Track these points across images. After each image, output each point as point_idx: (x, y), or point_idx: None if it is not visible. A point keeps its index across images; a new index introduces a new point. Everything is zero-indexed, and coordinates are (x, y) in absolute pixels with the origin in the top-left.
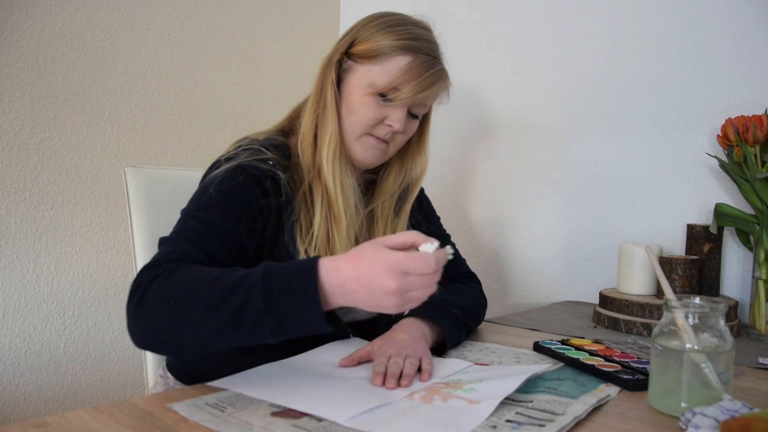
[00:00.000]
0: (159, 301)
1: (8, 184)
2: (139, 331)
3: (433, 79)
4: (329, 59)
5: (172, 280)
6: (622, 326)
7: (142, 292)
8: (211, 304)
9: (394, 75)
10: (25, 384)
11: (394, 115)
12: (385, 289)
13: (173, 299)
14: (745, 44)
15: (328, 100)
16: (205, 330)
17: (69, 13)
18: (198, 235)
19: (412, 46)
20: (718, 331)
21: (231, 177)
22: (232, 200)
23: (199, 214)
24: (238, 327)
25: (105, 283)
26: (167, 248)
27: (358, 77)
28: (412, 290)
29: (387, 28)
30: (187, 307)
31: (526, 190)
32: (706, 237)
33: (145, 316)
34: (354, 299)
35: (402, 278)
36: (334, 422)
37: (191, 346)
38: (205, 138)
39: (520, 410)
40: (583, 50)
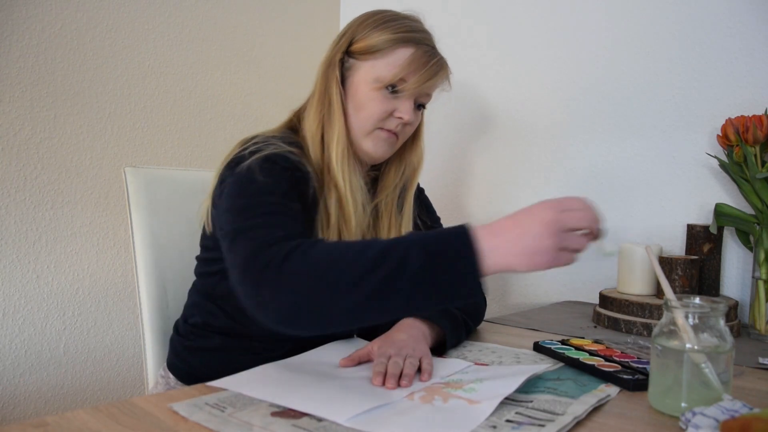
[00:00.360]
0: (305, 271)
1: (8, 184)
2: (281, 305)
3: (436, 68)
4: (331, 59)
5: (314, 251)
6: (622, 326)
7: (277, 266)
8: (363, 269)
9: (400, 66)
10: (25, 384)
11: (403, 107)
12: (543, 223)
13: (322, 268)
14: (745, 44)
15: (334, 100)
16: (357, 297)
17: (69, 13)
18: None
19: (412, 38)
20: (718, 331)
21: (269, 165)
22: (283, 184)
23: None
24: (395, 291)
25: (105, 283)
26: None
27: (363, 74)
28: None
29: (383, 23)
30: (339, 273)
31: (526, 190)
32: (706, 237)
33: (289, 288)
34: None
35: (558, 211)
36: (334, 422)
37: (341, 315)
38: (205, 138)
39: (520, 410)
40: (583, 50)
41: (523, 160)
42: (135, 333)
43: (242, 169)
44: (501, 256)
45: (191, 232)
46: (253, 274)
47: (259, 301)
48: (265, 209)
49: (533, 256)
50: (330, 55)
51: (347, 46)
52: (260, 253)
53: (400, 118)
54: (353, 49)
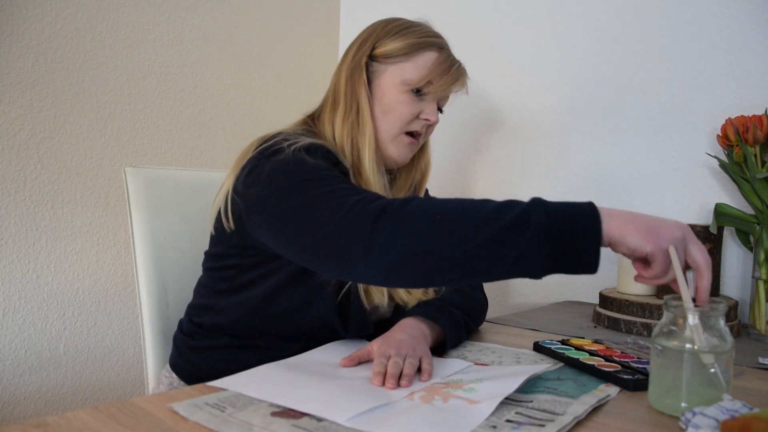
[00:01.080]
0: (420, 219)
1: (8, 184)
2: (392, 249)
3: (459, 72)
4: (356, 64)
5: (427, 204)
6: (622, 326)
7: (394, 212)
8: (488, 215)
9: (428, 69)
10: (25, 384)
11: (429, 108)
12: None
13: (438, 215)
14: (745, 44)
15: (362, 104)
16: (474, 244)
17: (69, 13)
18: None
19: (435, 43)
20: (718, 331)
21: (314, 152)
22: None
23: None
24: (514, 241)
25: (105, 283)
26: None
27: (389, 77)
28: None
29: (405, 29)
30: (456, 221)
31: (526, 191)
32: (706, 237)
33: (402, 233)
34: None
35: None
36: (334, 422)
37: (455, 263)
38: (205, 138)
39: (520, 410)
40: (583, 50)
41: (523, 160)
42: (135, 333)
43: (287, 155)
44: (619, 223)
45: (191, 232)
46: (364, 221)
47: (369, 248)
48: (335, 180)
49: (650, 234)
50: (354, 59)
51: (371, 50)
52: (367, 204)
53: (426, 120)
54: (377, 53)
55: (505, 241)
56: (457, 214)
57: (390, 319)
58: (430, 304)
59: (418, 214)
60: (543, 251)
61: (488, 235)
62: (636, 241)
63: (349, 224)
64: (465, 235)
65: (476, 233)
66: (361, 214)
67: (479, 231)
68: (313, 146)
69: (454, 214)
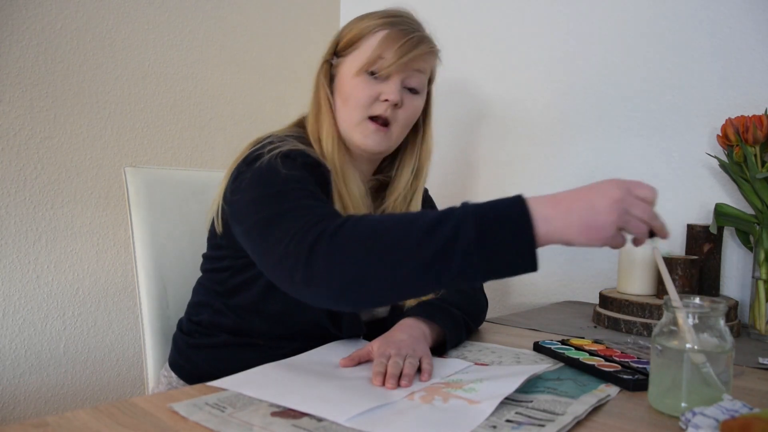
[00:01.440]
0: (354, 244)
1: (8, 184)
2: (335, 277)
3: (413, 42)
4: (320, 65)
5: (361, 226)
6: (622, 326)
7: (330, 238)
8: (417, 238)
9: (377, 48)
10: (25, 384)
11: (387, 88)
12: (610, 198)
13: (371, 240)
14: (745, 44)
15: (322, 99)
16: (411, 266)
17: (69, 13)
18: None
19: (387, 22)
20: (718, 331)
21: (290, 161)
22: (307, 177)
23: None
24: (449, 259)
25: (105, 283)
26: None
27: (346, 68)
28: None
29: (366, 17)
30: (390, 245)
31: (526, 191)
32: (706, 237)
33: (339, 261)
34: (568, 219)
35: (627, 192)
36: (334, 422)
37: (395, 285)
38: (205, 138)
39: (520, 410)
40: (583, 50)
41: (523, 160)
42: (135, 333)
43: (263, 164)
44: (558, 226)
45: (191, 231)
46: (302, 249)
47: (310, 276)
48: (298, 195)
49: (591, 230)
50: (321, 62)
51: (334, 47)
52: (308, 230)
53: (386, 101)
54: (338, 48)
55: (441, 260)
56: (391, 237)
57: (388, 319)
58: (430, 304)
59: (353, 239)
60: (479, 264)
61: (423, 256)
62: (580, 242)
63: (291, 251)
64: (401, 259)
65: (412, 255)
66: (301, 241)
67: (414, 253)
68: (291, 153)
69: (388, 238)
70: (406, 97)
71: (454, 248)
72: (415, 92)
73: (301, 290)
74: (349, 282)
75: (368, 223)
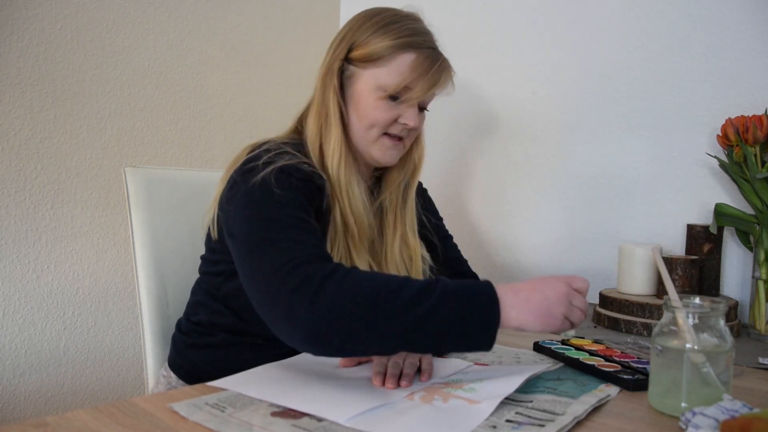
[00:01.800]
0: (344, 297)
1: (8, 184)
2: (316, 324)
3: (440, 72)
4: (329, 67)
5: (352, 278)
6: (622, 326)
7: (318, 285)
8: (402, 304)
9: (403, 75)
10: (25, 384)
11: (408, 113)
12: (558, 292)
13: (360, 297)
14: (745, 44)
15: (331, 110)
16: (393, 328)
17: (69, 13)
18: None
19: (413, 43)
20: (718, 331)
21: (285, 177)
22: (299, 198)
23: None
24: (426, 328)
25: (105, 283)
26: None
27: (365, 82)
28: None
29: (383, 27)
30: (377, 306)
31: (526, 191)
32: (706, 237)
33: (327, 309)
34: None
35: (569, 287)
36: (334, 422)
37: (376, 343)
38: (205, 138)
39: (520, 410)
40: (583, 50)
41: (523, 160)
42: (135, 333)
43: (257, 180)
44: (518, 313)
45: (191, 231)
46: (286, 288)
47: (290, 317)
48: (286, 222)
49: (546, 318)
50: (329, 62)
51: (346, 52)
52: (293, 268)
53: (405, 125)
54: (353, 56)
55: (418, 331)
56: (377, 301)
57: None
58: None
59: (339, 292)
60: (451, 341)
61: (402, 325)
62: (536, 328)
63: (273, 287)
64: (382, 324)
65: (395, 319)
66: (284, 280)
67: (397, 317)
68: (286, 169)
69: (374, 300)
70: (419, 116)
71: (435, 319)
72: (425, 109)
73: (276, 325)
74: (327, 331)
75: (356, 280)
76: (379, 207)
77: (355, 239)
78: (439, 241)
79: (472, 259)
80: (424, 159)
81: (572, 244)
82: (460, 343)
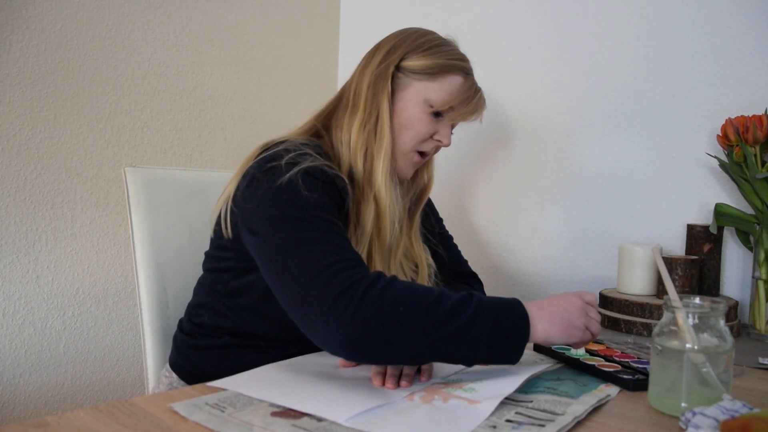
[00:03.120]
0: (387, 305)
1: (8, 184)
2: (355, 332)
3: (480, 102)
4: (382, 72)
5: (395, 288)
6: (622, 326)
7: (361, 294)
8: (443, 314)
9: (452, 95)
10: (25, 384)
11: (443, 131)
12: (576, 305)
13: (403, 306)
14: (745, 44)
15: (383, 114)
16: (432, 339)
17: (69, 13)
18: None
19: (463, 67)
20: (718, 331)
21: (311, 180)
22: (327, 200)
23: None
24: (463, 338)
25: (105, 283)
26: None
27: (413, 93)
28: (590, 314)
29: (437, 46)
30: (419, 315)
31: (526, 191)
32: (706, 237)
33: (369, 317)
34: (552, 320)
35: (582, 300)
36: (334, 422)
37: (412, 352)
38: (205, 138)
39: (520, 410)
40: (583, 51)
41: (523, 161)
42: (135, 333)
43: (283, 181)
44: (544, 326)
45: (191, 231)
46: (330, 292)
47: (330, 321)
48: (319, 224)
49: (569, 329)
50: (381, 66)
51: (399, 60)
52: (338, 272)
53: (439, 141)
54: (405, 65)
55: (454, 343)
56: (418, 311)
57: None
58: None
59: (382, 301)
60: (482, 352)
61: (440, 337)
62: (561, 340)
63: (314, 290)
64: (421, 335)
65: (431, 334)
66: (327, 284)
67: (434, 332)
68: (311, 171)
69: (415, 310)
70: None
71: (471, 330)
72: None
73: (315, 330)
74: (367, 337)
75: (398, 290)
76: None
77: (383, 245)
78: (443, 247)
79: (472, 259)
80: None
81: (572, 244)
82: (490, 355)
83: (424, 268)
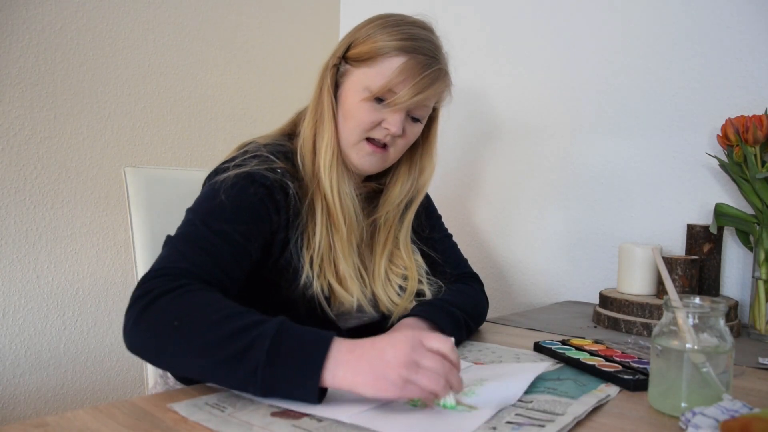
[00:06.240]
0: (165, 317)
1: (8, 184)
2: (135, 338)
3: (429, 80)
4: (326, 64)
5: (184, 301)
6: (622, 326)
7: (149, 301)
8: (216, 338)
9: (388, 78)
10: (25, 384)
11: (391, 119)
12: (399, 354)
13: (179, 320)
14: (745, 44)
15: (325, 107)
16: (201, 361)
17: (69, 13)
18: (212, 246)
19: (407, 47)
20: (718, 331)
21: (243, 186)
22: (245, 212)
23: (211, 223)
24: (233, 370)
25: (105, 283)
26: (178, 254)
27: (353, 81)
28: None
29: (384, 28)
30: (191, 334)
31: (527, 191)
32: (706, 237)
33: (146, 325)
34: (359, 368)
35: (418, 344)
36: (334, 422)
37: (180, 368)
38: (205, 138)
39: (520, 411)
40: (583, 52)
41: (523, 161)
42: None
43: (217, 181)
44: (346, 372)
45: None
46: (136, 296)
47: (125, 325)
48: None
49: (378, 382)
50: (328, 60)
51: (344, 50)
52: (153, 278)
53: (387, 129)
54: (349, 55)
55: (225, 370)
56: (193, 328)
57: (383, 321)
58: (431, 304)
59: (162, 313)
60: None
61: (213, 360)
62: (369, 393)
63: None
64: (194, 353)
65: (204, 354)
66: (140, 286)
67: (208, 353)
68: (249, 177)
69: (190, 326)
70: (407, 125)
71: (242, 364)
72: (417, 120)
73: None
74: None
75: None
76: (373, 221)
77: (343, 239)
78: (441, 247)
79: (472, 260)
80: (430, 182)
81: (572, 244)
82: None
83: (413, 270)
